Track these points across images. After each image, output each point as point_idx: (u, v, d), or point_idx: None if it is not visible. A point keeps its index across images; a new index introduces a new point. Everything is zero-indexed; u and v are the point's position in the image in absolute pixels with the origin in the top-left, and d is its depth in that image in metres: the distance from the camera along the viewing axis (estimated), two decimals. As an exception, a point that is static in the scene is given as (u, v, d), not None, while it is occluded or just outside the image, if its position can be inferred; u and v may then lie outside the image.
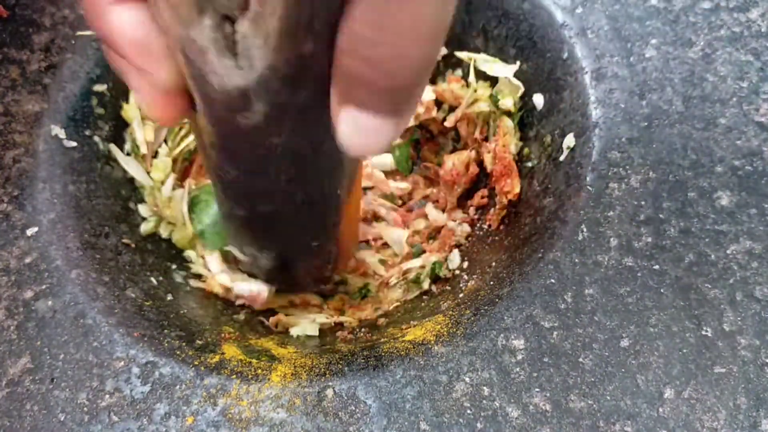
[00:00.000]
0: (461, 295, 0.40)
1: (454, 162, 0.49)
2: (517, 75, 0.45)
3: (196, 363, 0.33)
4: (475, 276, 0.42)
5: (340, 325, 0.44)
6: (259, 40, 0.19)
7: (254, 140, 0.26)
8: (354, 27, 0.19)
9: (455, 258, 0.46)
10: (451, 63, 0.51)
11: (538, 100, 0.44)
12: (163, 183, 0.46)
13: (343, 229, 0.39)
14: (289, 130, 0.25)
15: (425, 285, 0.46)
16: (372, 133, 0.21)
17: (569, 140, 0.40)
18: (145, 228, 0.44)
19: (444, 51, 0.51)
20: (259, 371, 0.33)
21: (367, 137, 0.22)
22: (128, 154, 0.45)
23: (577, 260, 0.34)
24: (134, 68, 0.22)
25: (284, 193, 0.31)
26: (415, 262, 0.47)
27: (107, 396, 0.32)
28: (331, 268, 0.45)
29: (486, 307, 0.34)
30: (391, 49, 0.19)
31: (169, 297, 0.41)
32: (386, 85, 0.20)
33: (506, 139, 0.45)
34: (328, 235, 0.39)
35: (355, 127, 0.21)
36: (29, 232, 0.37)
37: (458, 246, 0.47)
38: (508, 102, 0.45)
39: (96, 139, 0.43)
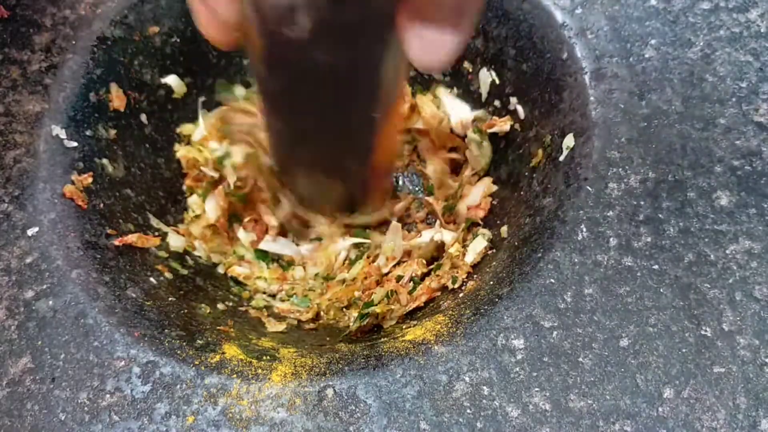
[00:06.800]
0: (461, 295, 0.40)
1: None
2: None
3: (196, 363, 0.33)
4: (475, 276, 0.42)
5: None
6: None
7: (298, 54, 0.28)
8: None
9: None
10: (449, 70, 0.51)
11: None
12: None
13: (379, 158, 0.41)
14: (332, 47, 0.27)
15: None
16: (437, 47, 0.24)
17: (569, 140, 0.40)
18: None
19: None
20: (260, 371, 0.33)
21: (432, 51, 0.24)
22: None
23: (576, 260, 0.34)
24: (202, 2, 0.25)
25: (322, 109, 0.33)
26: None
27: (108, 395, 0.32)
28: (363, 194, 0.46)
29: (486, 307, 0.34)
30: None
31: (171, 297, 0.41)
32: (452, 2, 0.23)
33: None
34: (361, 159, 0.40)
35: (422, 42, 0.24)
36: (30, 232, 0.37)
37: None
38: None
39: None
